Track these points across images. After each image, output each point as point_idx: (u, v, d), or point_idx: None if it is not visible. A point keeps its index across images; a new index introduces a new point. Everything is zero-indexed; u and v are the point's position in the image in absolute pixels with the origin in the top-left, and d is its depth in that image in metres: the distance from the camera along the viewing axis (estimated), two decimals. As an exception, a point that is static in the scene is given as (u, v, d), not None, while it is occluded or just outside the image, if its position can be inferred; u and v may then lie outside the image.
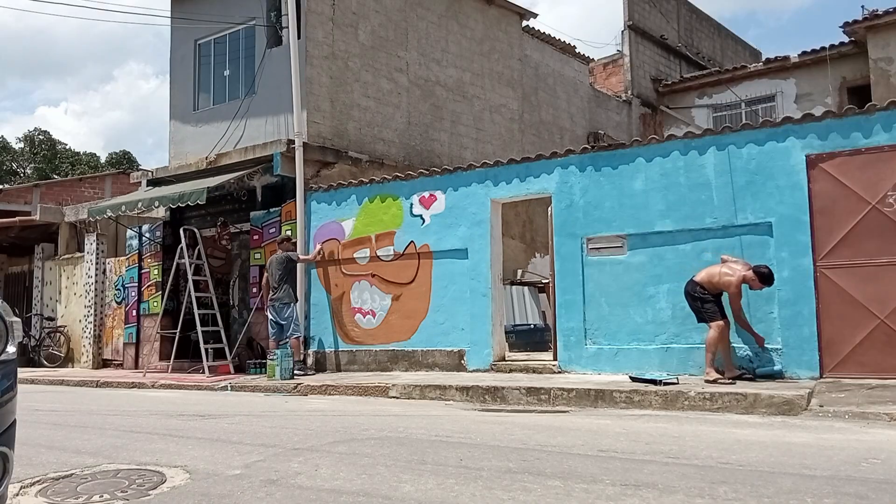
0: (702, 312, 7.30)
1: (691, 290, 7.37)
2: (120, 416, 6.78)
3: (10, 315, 2.53)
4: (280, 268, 10.25)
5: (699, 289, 7.29)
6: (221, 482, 3.56)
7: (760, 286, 7.08)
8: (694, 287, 7.33)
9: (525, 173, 9.22)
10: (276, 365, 9.55)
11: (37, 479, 3.72)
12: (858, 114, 7.17)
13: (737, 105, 16.87)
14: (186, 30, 13.22)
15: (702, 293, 7.27)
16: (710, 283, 7.26)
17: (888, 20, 12.97)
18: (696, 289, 7.30)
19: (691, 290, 7.37)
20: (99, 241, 14.47)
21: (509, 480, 3.45)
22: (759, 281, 7.03)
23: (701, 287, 7.29)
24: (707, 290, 7.26)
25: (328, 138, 11.90)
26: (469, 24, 14.80)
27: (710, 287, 7.24)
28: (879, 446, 4.22)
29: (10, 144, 39.95)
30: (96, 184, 22.25)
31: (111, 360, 14.16)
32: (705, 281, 7.29)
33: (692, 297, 7.35)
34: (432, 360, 9.65)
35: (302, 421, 6.01)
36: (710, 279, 7.26)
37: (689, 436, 4.76)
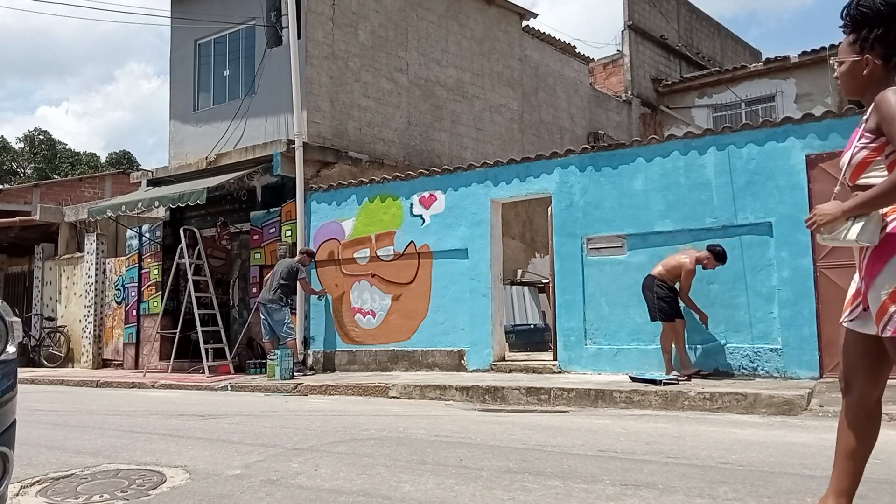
0: (656, 310, 7.45)
1: (650, 284, 7.51)
2: (120, 416, 6.78)
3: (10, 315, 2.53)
4: (286, 275, 10.16)
5: (660, 282, 7.42)
6: (221, 482, 3.56)
7: (715, 264, 7.32)
8: (653, 281, 7.49)
9: (525, 173, 9.22)
10: (276, 365, 9.55)
11: (37, 479, 3.72)
12: (858, 114, 7.15)
13: (737, 105, 16.87)
14: (186, 30, 13.22)
15: (660, 286, 7.42)
16: (667, 273, 7.44)
17: (888, 20, 12.95)
18: (658, 283, 7.43)
19: (650, 284, 7.51)
20: (99, 241, 14.47)
21: (509, 480, 3.45)
22: (714, 259, 7.28)
23: (660, 280, 7.43)
24: (665, 281, 7.42)
25: (328, 138, 11.90)
26: (469, 24, 14.80)
27: (668, 277, 7.45)
28: (879, 446, 4.20)
29: (10, 144, 39.96)
30: (96, 184, 22.25)
31: (111, 360, 14.16)
32: (663, 273, 7.46)
33: (651, 291, 7.48)
34: (432, 360, 9.65)
35: (302, 421, 6.01)
36: (666, 268, 7.47)
37: (689, 436, 4.76)
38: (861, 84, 2.46)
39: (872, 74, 2.42)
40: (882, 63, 2.40)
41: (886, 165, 2.32)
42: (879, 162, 2.34)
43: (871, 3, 2.38)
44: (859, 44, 2.43)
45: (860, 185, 2.39)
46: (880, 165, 2.34)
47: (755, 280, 7.50)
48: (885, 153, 2.32)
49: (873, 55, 2.40)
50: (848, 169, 2.45)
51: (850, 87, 2.52)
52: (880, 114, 2.30)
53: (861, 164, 2.39)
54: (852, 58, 2.45)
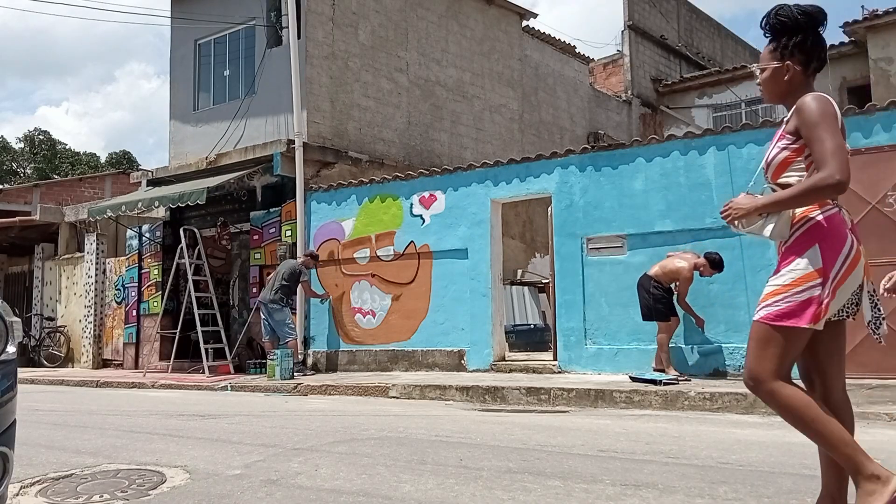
0: (651, 310, 7.52)
1: (646, 284, 7.55)
2: (120, 416, 6.78)
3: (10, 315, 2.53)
4: (288, 276, 10.14)
5: (655, 283, 7.48)
6: (221, 482, 3.56)
7: (711, 272, 7.38)
8: (648, 281, 7.54)
9: (525, 173, 9.22)
10: (276, 365, 9.54)
11: (37, 479, 3.72)
12: (858, 114, 7.17)
13: (737, 105, 16.87)
14: (186, 30, 13.22)
15: (656, 287, 7.48)
16: (663, 275, 7.49)
17: (888, 20, 12.97)
18: (653, 283, 7.49)
19: (646, 284, 7.55)
20: (99, 241, 14.47)
21: (509, 480, 3.45)
22: (710, 267, 7.35)
23: (655, 281, 7.50)
24: (661, 283, 7.47)
25: (328, 138, 11.90)
26: (469, 24, 14.80)
27: (665, 279, 7.50)
28: (879, 446, 4.21)
29: (10, 144, 39.96)
30: (96, 184, 22.25)
31: (111, 360, 14.16)
32: (659, 274, 7.51)
33: (647, 292, 7.53)
34: (432, 360, 9.65)
35: (302, 421, 6.01)
36: (663, 270, 7.53)
37: (689, 436, 4.76)
38: (783, 90, 2.58)
39: (793, 80, 2.54)
40: (801, 69, 2.53)
41: (805, 166, 2.44)
42: (799, 162, 2.46)
43: (789, 13, 2.50)
44: (780, 51, 2.55)
45: (780, 184, 2.52)
46: (800, 165, 2.46)
47: (755, 280, 7.50)
48: (805, 154, 2.44)
49: (793, 62, 2.52)
50: (769, 168, 2.56)
51: (772, 93, 2.64)
52: (801, 118, 2.42)
53: (782, 164, 2.51)
54: (773, 65, 2.57)
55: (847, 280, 2.37)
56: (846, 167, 2.29)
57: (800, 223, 2.43)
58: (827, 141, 2.33)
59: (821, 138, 2.34)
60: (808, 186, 2.34)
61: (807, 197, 2.36)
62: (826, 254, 2.36)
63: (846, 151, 2.33)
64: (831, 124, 2.36)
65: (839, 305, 2.41)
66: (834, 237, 2.38)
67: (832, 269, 2.35)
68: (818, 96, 2.43)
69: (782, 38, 2.54)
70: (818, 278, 2.34)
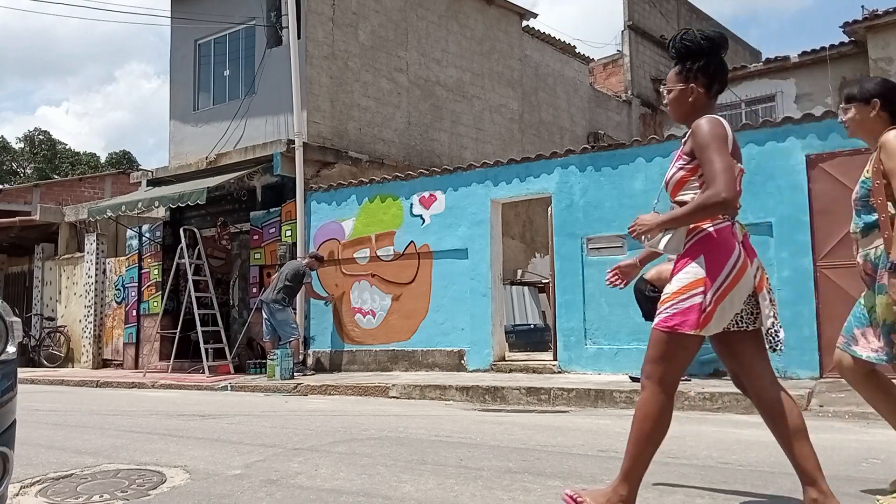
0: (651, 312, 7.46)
1: (642, 288, 7.53)
2: (120, 416, 6.78)
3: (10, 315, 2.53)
4: (291, 276, 10.14)
5: (651, 287, 7.47)
6: (221, 482, 3.56)
7: None
8: (645, 285, 7.51)
9: (525, 173, 9.22)
10: (276, 365, 9.54)
11: (37, 479, 3.72)
12: (858, 114, 7.16)
13: (737, 105, 16.86)
14: (186, 30, 13.22)
15: (654, 292, 7.46)
16: (661, 279, 7.45)
17: (888, 20, 12.97)
18: (649, 287, 7.48)
19: (642, 288, 7.53)
20: (99, 241, 14.47)
21: (509, 480, 3.45)
22: None
23: (651, 285, 7.47)
24: (657, 288, 7.45)
25: (328, 138, 11.91)
26: (469, 24, 14.80)
27: (661, 284, 7.43)
28: (879, 446, 4.21)
29: (10, 144, 39.96)
30: (96, 184, 22.26)
31: (111, 360, 14.16)
32: (656, 279, 7.47)
33: (644, 295, 7.51)
34: (432, 360, 9.65)
35: (302, 421, 6.01)
36: (661, 275, 7.46)
37: (690, 436, 4.76)
38: (686, 111, 2.72)
39: (696, 102, 2.69)
40: (704, 91, 2.68)
41: (699, 185, 2.60)
42: (694, 181, 2.61)
43: (693, 37, 2.65)
44: (685, 74, 2.69)
45: (678, 201, 2.69)
46: (695, 184, 2.61)
47: (755, 280, 7.50)
48: (698, 174, 2.59)
49: (697, 84, 2.68)
50: (669, 186, 2.74)
51: (677, 113, 2.78)
52: (694, 140, 2.57)
53: (679, 183, 2.68)
54: (679, 86, 2.71)
55: (734, 289, 2.50)
56: (733, 185, 2.45)
57: (691, 235, 2.59)
58: (716, 162, 2.47)
59: (711, 159, 2.48)
60: (699, 204, 2.50)
61: (698, 213, 2.52)
62: (711, 264, 2.51)
63: (734, 171, 2.49)
64: (721, 146, 2.49)
65: (732, 313, 2.54)
66: (721, 248, 2.52)
67: (716, 278, 2.49)
68: (711, 119, 2.57)
69: (687, 61, 2.68)
70: (701, 286, 2.49)
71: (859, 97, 2.95)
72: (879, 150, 2.80)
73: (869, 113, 2.91)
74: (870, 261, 2.89)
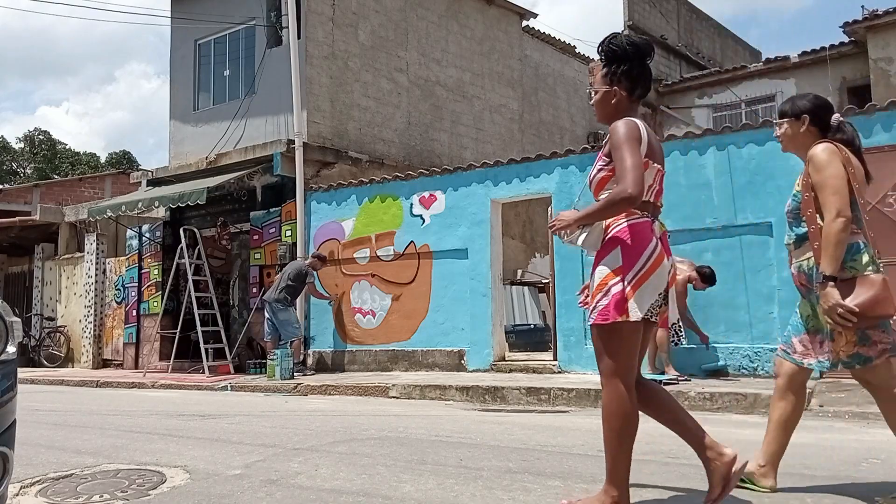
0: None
1: None
2: (120, 416, 6.78)
3: (10, 315, 2.53)
4: (294, 276, 10.14)
5: None
6: (221, 482, 3.56)
7: (703, 286, 7.41)
8: None
9: (525, 173, 9.22)
10: (276, 365, 9.54)
11: (37, 479, 3.72)
12: (858, 114, 7.17)
13: (737, 105, 16.86)
14: (186, 30, 13.22)
15: None
16: None
17: (888, 20, 12.97)
18: None
19: None
20: (99, 241, 14.47)
21: (509, 480, 3.45)
22: (702, 280, 7.37)
23: None
24: None
25: (328, 138, 11.91)
26: (469, 24, 14.80)
27: None
28: (879, 446, 4.21)
29: (10, 144, 39.96)
30: (96, 184, 22.25)
31: (111, 360, 14.16)
32: None
33: None
34: (432, 360, 9.65)
35: (302, 421, 6.01)
36: None
37: (689, 436, 4.75)
38: (610, 112, 2.81)
39: (619, 104, 2.79)
40: (627, 95, 2.78)
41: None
42: (614, 181, 2.68)
43: (619, 42, 2.75)
44: (609, 77, 2.79)
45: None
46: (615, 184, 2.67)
47: (755, 280, 7.50)
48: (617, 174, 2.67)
49: (620, 87, 2.77)
50: (592, 186, 2.83)
51: (601, 115, 2.88)
52: (611, 141, 2.67)
53: (600, 183, 2.76)
54: (604, 89, 2.81)
55: (650, 278, 2.61)
56: (639, 182, 2.54)
57: (608, 231, 2.70)
58: (626, 160, 2.57)
59: (622, 157, 2.59)
60: (608, 199, 2.62)
61: (608, 209, 2.63)
62: (626, 254, 2.62)
63: (642, 169, 2.58)
64: (633, 145, 2.60)
65: (652, 299, 2.63)
66: (636, 239, 2.64)
67: (632, 266, 2.60)
68: (627, 121, 2.67)
69: (612, 65, 2.78)
70: (618, 276, 2.61)
71: (790, 113, 3.06)
72: (808, 163, 2.92)
73: (799, 128, 3.02)
74: (803, 271, 3.02)
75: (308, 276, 10.20)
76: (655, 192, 2.79)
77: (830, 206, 2.79)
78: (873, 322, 2.77)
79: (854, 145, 2.96)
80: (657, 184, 2.77)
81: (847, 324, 2.73)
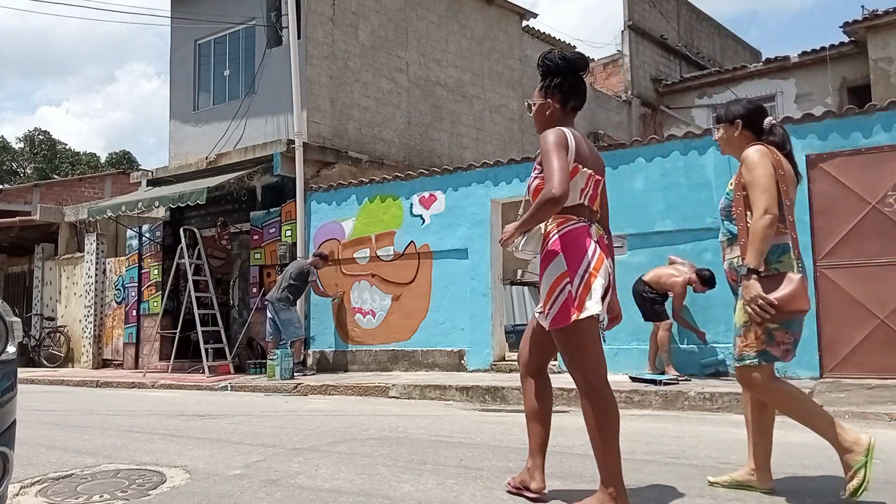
0: (650, 313, 7.68)
1: (640, 289, 7.72)
2: (120, 416, 6.78)
3: (10, 315, 2.53)
4: (296, 275, 10.14)
5: (648, 288, 7.67)
6: (221, 482, 3.56)
7: (703, 289, 7.44)
8: (643, 286, 7.71)
9: (525, 173, 9.21)
10: (276, 365, 9.55)
11: (37, 479, 3.72)
12: (858, 114, 7.17)
13: (737, 105, 16.83)
14: (186, 30, 13.22)
15: (650, 293, 7.64)
16: (657, 283, 7.68)
17: (888, 20, 12.97)
18: (646, 288, 7.69)
19: (640, 289, 7.72)
20: (99, 241, 14.47)
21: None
22: (701, 283, 7.41)
23: (649, 287, 7.66)
24: (655, 290, 7.63)
25: (328, 138, 11.90)
26: (469, 24, 14.80)
27: (658, 287, 7.70)
28: (879, 446, 4.20)
29: (10, 144, 39.95)
30: (96, 184, 22.25)
31: (111, 360, 14.16)
32: (653, 281, 7.68)
33: (641, 296, 7.69)
34: (432, 360, 9.65)
35: (302, 421, 6.01)
36: (658, 279, 7.68)
37: (689, 436, 4.77)
38: (544, 123, 2.95)
39: (552, 115, 2.95)
40: (560, 107, 2.94)
41: None
42: None
43: (552, 58, 2.94)
44: (544, 90, 2.97)
45: None
46: None
47: (755, 280, 7.49)
48: None
49: (553, 100, 2.95)
50: (529, 194, 2.96)
51: (537, 125, 3.00)
52: (541, 149, 2.80)
53: (535, 191, 2.88)
54: (539, 101, 2.98)
55: (598, 274, 2.75)
56: (564, 183, 2.67)
57: (547, 238, 2.82)
58: (552, 164, 2.70)
59: (549, 162, 2.72)
60: (537, 202, 2.74)
61: (538, 212, 2.75)
62: (569, 258, 2.75)
63: (567, 172, 2.71)
64: (559, 151, 2.73)
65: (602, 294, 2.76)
66: (575, 243, 2.77)
67: (578, 268, 2.73)
68: (554, 130, 2.81)
69: (547, 79, 2.96)
70: (566, 279, 2.73)
71: (725, 118, 3.20)
72: (741, 164, 3.03)
73: (734, 132, 3.16)
74: (734, 268, 3.08)
75: (310, 275, 10.21)
76: (590, 196, 2.89)
77: (759, 204, 2.89)
78: (788, 317, 2.87)
79: (785, 148, 3.08)
80: (591, 189, 2.88)
81: (765, 315, 2.82)
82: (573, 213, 2.82)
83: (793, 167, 3.06)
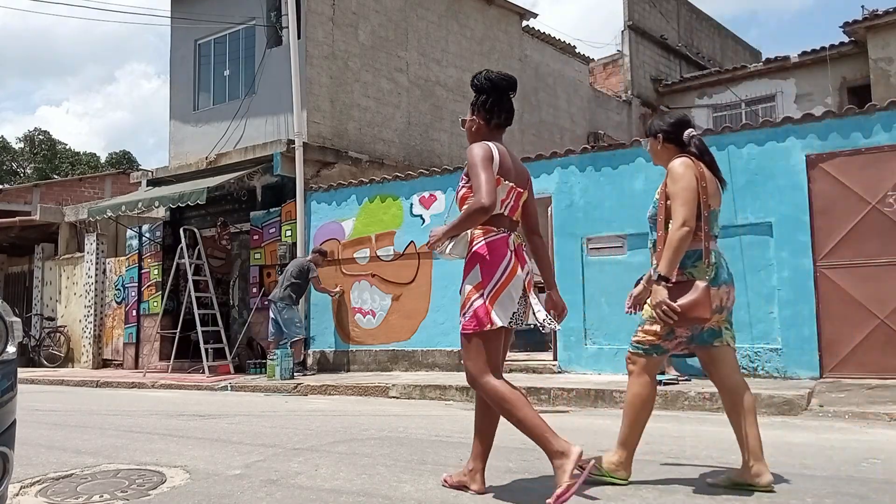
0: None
1: None
2: (120, 416, 6.78)
3: (10, 315, 2.53)
4: (297, 273, 10.15)
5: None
6: (221, 482, 3.56)
7: None
8: None
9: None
10: (276, 365, 9.55)
11: (37, 479, 3.72)
12: (858, 114, 7.17)
13: (737, 105, 16.87)
14: (186, 30, 13.22)
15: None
16: None
17: (888, 20, 12.97)
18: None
19: None
20: (99, 241, 14.47)
21: (509, 480, 3.46)
22: None
23: None
24: None
25: (328, 138, 11.90)
26: (469, 24, 14.80)
27: None
28: (879, 446, 4.22)
29: (10, 144, 39.94)
30: (96, 184, 22.25)
31: (111, 360, 14.16)
32: None
33: None
34: (432, 360, 9.65)
35: (302, 421, 6.01)
36: None
37: (689, 436, 4.76)
38: (473, 138, 3.20)
39: (479, 130, 3.21)
40: (485, 123, 3.20)
41: None
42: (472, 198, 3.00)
43: (480, 79, 3.19)
44: (472, 108, 3.22)
45: None
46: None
47: (755, 280, 7.50)
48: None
49: (479, 117, 3.21)
50: (457, 202, 3.16)
51: (468, 138, 3.24)
52: (468, 162, 3.02)
53: (462, 199, 3.12)
54: (469, 118, 3.24)
55: (507, 287, 3.01)
56: (491, 194, 2.91)
57: (472, 243, 3.06)
58: (479, 176, 2.94)
59: (476, 174, 2.96)
60: (466, 211, 2.98)
61: (465, 220, 2.99)
62: (484, 272, 3.01)
63: (493, 184, 2.96)
64: (484, 164, 2.97)
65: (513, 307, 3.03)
66: (493, 255, 3.02)
67: (489, 282, 2.99)
68: (480, 144, 3.05)
69: (475, 97, 3.20)
70: (479, 292, 3.00)
71: (649, 132, 3.47)
72: (667, 175, 3.25)
73: (657, 145, 3.41)
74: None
75: (311, 272, 10.22)
76: (510, 207, 3.14)
77: (678, 216, 3.09)
78: (689, 323, 3.07)
79: (705, 158, 3.25)
80: (512, 200, 3.14)
81: (668, 320, 3.04)
82: (493, 222, 3.05)
83: (716, 174, 3.25)
